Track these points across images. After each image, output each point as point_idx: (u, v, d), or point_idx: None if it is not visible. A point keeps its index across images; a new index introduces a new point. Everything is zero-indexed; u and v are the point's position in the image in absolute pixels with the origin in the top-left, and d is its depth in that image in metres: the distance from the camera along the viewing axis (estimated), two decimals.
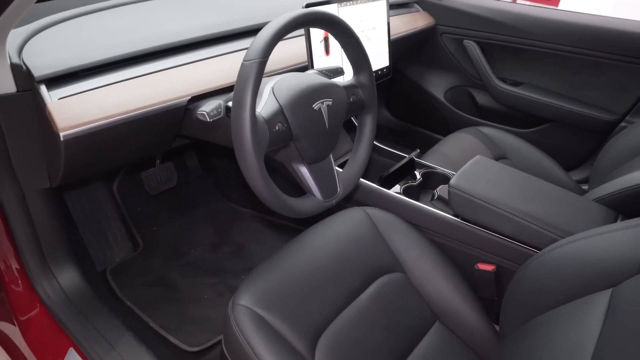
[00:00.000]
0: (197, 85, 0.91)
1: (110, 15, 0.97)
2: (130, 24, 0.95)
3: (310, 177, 0.81)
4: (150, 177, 1.41)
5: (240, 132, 0.67)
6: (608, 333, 0.56)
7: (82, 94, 0.78)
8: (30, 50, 0.79)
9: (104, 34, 0.89)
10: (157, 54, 0.90)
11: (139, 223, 1.41)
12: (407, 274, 0.91)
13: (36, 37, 0.83)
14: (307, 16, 0.74)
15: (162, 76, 0.88)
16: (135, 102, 0.82)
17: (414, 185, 1.13)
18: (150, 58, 0.89)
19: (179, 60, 0.91)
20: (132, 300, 1.17)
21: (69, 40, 0.85)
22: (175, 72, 0.90)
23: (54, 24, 0.87)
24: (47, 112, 0.74)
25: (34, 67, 0.75)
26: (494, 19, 1.57)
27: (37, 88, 0.75)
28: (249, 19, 1.07)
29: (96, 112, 0.78)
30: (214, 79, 0.93)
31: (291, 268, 0.83)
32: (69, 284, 0.97)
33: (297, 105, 0.75)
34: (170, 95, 0.87)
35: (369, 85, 0.89)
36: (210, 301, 1.23)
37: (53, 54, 0.80)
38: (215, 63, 0.96)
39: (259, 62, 0.67)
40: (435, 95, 1.81)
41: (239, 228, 1.49)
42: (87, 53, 0.82)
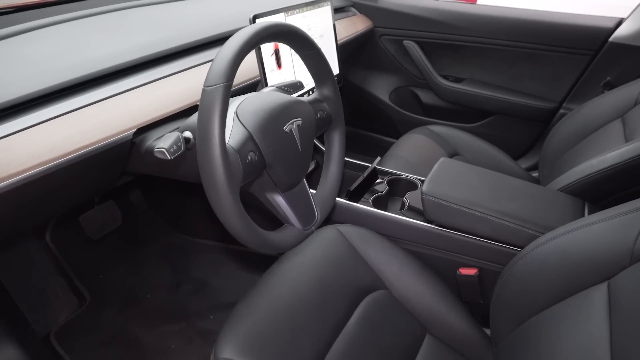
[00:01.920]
0: (141, 115, 0.79)
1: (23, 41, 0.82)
2: (51, 50, 0.81)
3: (286, 205, 0.74)
4: (90, 220, 1.24)
5: (210, 169, 0.58)
6: (620, 329, 0.55)
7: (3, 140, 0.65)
8: None
9: (20, 65, 0.75)
10: (90, 83, 0.78)
11: (83, 273, 1.24)
12: (389, 289, 0.88)
13: None
14: (267, 30, 0.66)
15: (98, 108, 0.75)
16: (70, 143, 0.69)
17: (382, 195, 1.09)
18: (81, 89, 0.76)
19: (117, 88, 0.79)
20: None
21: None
22: (113, 102, 0.77)
23: None
24: None
25: None
26: (430, 18, 1.59)
27: None
28: (190, 35, 0.97)
29: (23, 161, 0.65)
30: (160, 105, 0.82)
31: (272, 305, 0.76)
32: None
33: (268, 130, 0.67)
34: (112, 130, 0.74)
35: (334, 99, 0.83)
36: (179, 351, 1.10)
37: None
38: (159, 87, 0.85)
39: (223, 86, 0.58)
40: (381, 98, 1.80)
41: (198, 262, 1.36)
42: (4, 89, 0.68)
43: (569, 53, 1.46)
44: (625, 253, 0.61)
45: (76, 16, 0.93)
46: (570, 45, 1.45)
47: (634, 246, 0.61)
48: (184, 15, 1.09)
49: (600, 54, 1.42)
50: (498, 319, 0.77)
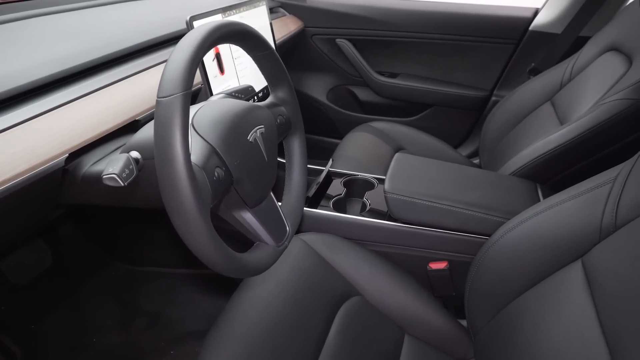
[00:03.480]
0: (73, 137, 0.67)
1: None
2: None
3: (257, 222, 0.67)
4: (13, 265, 1.07)
5: (176, 192, 0.49)
6: (604, 303, 0.56)
7: None
8: None
9: None
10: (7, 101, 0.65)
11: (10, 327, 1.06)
12: (363, 295, 0.86)
13: None
14: (221, 29, 0.59)
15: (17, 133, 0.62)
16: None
17: (341, 198, 1.06)
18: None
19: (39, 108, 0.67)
20: None
21: None
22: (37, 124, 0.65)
23: None
24: None
25: None
26: (360, 15, 1.59)
27: None
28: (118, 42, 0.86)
29: None
30: (94, 124, 0.70)
31: (248, 331, 0.70)
32: None
33: (232, 141, 0.60)
34: (37, 157, 0.62)
35: (292, 101, 0.78)
36: None
37: None
38: (90, 102, 0.73)
39: (182, 95, 0.50)
40: (318, 99, 1.77)
41: (147, 293, 1.23)
42: None
43: (495, 43, 1.53)
44: (594, 229, 0.63)
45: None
46: (495, 35, 1.52)
47: (601, 222, 0.63)
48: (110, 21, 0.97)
49: (523, 42, 1.50)
50: (475, 310, 0.77)
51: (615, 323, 0.53)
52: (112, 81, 0.78)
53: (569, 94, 1.19)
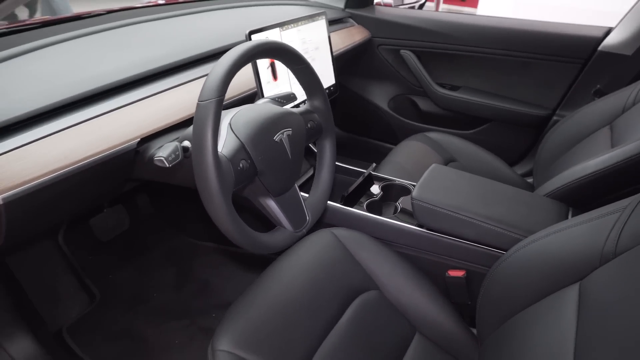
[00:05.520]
0: (145, 126, 0.86)
1: (36, 58, 0.89)
2: (62, 66, 0.88)
3: (278, 209, 0.79)
4: (99, 224, 1.31)
5: (204, 176, 0.64)
6: (584, 327, 0.58)
7: (16, 150, 0.71)
8: None
9: (34, 80, 0.82)
10: (97, 96, 0.84)
11: (93, 273, 1.31)
12: (381, 290, 0.92)
13: None
14: (257, 48, 0.72)
15: (105, 120, 0.82)
16: (79, 152, 0.76)
17: (376, 200, 1.14)
18: (89, 102, 0.83)
19: (122, 101, 0.86)
20: (95, 358, 1.09)
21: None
22: (119, 113, 0.84)
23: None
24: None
25: None
26: (426, 29, 1.64)
27: None
28: (190, 49, 1.04)
29: (37, 169, 0.71)
30: (162, 117, 0.88)
31: (267, 303, 0.81)
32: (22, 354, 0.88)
33: (259, 140, 0.73)
34: (117, 139, 0.81)
35: (324, 109, 0.89)
36: (182, 346, 1.16)
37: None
38: (161, 99, 0.91)
39: (215, 101, 0.64)
40: (380, 105, 1.85)
41: (201, 264, 1.43)
42: (17, 104, 0.75)
43: (561, 62, 1.50)
44: (596, 255, 0.65)
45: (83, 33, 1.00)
46: (562, 54, 1.49)
47: (603, 248, 0.64)
48: (185, 30, 1.15)
49: (590, 62, 1.45)
50: (483, 319, 0.81)
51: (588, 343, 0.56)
52: (180, 83, 0.95)
53: (628, 120, 1.15)
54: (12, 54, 0.87)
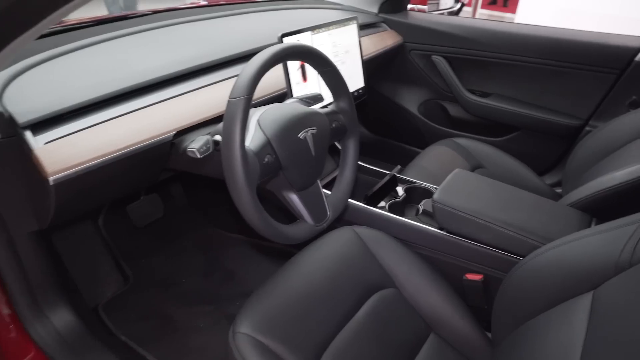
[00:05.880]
0: (181, 120, 0.92)
1: (87, 54, 0.98)
2: (110, 62, 0.96)
3: (300, 203, 0.84)
4: (136, 210, 1.41)
5: (231, 167, 0.69)
6: (593, 335, 0.59)
7: (68, 137, 0.79)
8: (10, 95, 0.79)
9: (84, 75, 0.90)
10: (140, 90, 0.92)
11: (128, 256, 1.40)
12: (399, 288, 0.94)
13: (15, 82, 0.83)
14: (286, 51, 0.77)
15: (146, 113, 0.89)
16: (122, 140, 0.83)
17: (399, 201, 1.16)
18: (133, 95, 0.90)
19: (162, 96, 0.93)
20: (127, 335, 1.17)
21: (50, 83, 0.85)
22: (158, 107, 0.91)
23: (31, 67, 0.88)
24: (34, 157, 0.75)
25: (16, 113, 0.75)
26: (458, 35, 1.65)
27: (21, 134, 0.76)
28: (225, 50, 1.10)
29: (84, 154, 0.79)
30: (197, 112, 0.95)
31: (287, 292, 0.85)
32: (62, 324, 0.96)
33: (284, 137, 0.78)
34: (156, 131, 0.88)
35: (349, 110, 0.93)
36: (208, 329, 1.23)
37: (35, 98, 0.80)
38: (196, 96, 0.98)
39: (244, 99, 0.70)
40: (409, 110, 1.87)
41: (228, 254, 1.50)
42: (70, 95, 0.82)
43: (596, 71, 1.48)
44: (611, 265, 0.65)
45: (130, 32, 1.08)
46: (597, 63, 1.46)
47: (619, 258, 0.65)
48: (222, 32, 1.22)
49: (627, 73, 1.43)
50: (498, 323, 0.82)
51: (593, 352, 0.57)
52: (215, 81, 1.01)
53: None
54: (67, 50, 0.95)
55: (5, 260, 0.88)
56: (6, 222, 0.85)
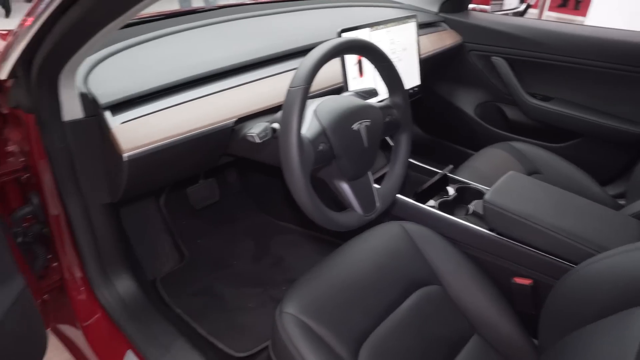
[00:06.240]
0: (242, 108, 0.98)
1: (161, 44, 1.06)
2: (181, 51, 1.04)
3: (350, 192, 0.87)
4: (195, 192, 1.50)
5: (288, 153, 0.73)
6: None
7: (141, 118, 0.86)
8: (93, 79, 0.88)
9: (158, 62, 0.98)
10: (206, 79, 0.98)
11: (185, 236, 1.49)
12: (444, 286, 0.94)
13: (98, 67, 0.92)
14: (345, 44, 0.80)
15: (211, 100, 0.95)
16: (188, 124, 0.90)
17: (449, 200, 1.16)
18: (200, 83, 0.97)
19: (226, 85, 0.99)
20: (180, 308, 1.25)
21: (127, 69, 0.94)
22: (222, 95, 0.97)
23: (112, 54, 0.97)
24: (111, 135, 0.83)
25: (99, 95, 0.84)
26: (521, 36, 1.60)
27: (102, 114, 0.84)
28: (287, 43, 1.15)
29: (155, 135, 0.86)
30: (257, 101, 1.00)
31: (333, 279, 0.88)
32: (126, 292, 1.05)
33: (338, 127, 0.81)
34: (219, 117, 0.94)
35: (403, 106, 0.94)
36: (255, 310, 1.29)
37: (115, 82, 0.88)
38: (258, 86, 1.03)
39: (303, 88, 0.74)
40: (465, 111, 1.84)
41: (277, 241, 1.56)
42: (144, 80, 0.90)
43: None
44: None
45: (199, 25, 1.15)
46: None
47: None
48: (283, 26, 1.27)
49: None
50: (545, 330, 0.81)
51: None
52: (275, 73, 1.06)
53: None
54: (143, 40, 1.04)
55: (81, 228, 0.97)
56: (84, 193, 0.94)
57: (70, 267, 1.03)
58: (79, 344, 1.08)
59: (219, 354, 1.14)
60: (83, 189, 0.93)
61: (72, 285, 1.04)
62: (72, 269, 1.03)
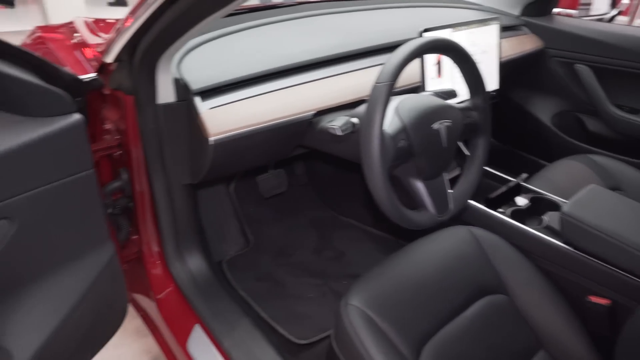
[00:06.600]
0: (320, 101, 1.01)
1: (247, 36, 1.11)
2: (265, 44, 1.08)
3: (425, 192, 0.86)
4: (264, 181, 1.55)
5: (369, 147, 0.74)
6: None
7: (227, 105, 0.91)
8: (185, 66, 0.94)
9: (244, 53, 1.03)
10: (288, 71, 1.02)
11: (251, 222, 1.55)
12: (511, 297, 0.91)
13: (190, 54, 0.98)
14: (431, 43, 0.80)
15: (292, 91, 0.99)
16: (270, 113, 0.94)
17: (522, 210, 1.12)
18: (282, 75, 1.01)
19: (306, 78, 1.02)
20: (244, 291, 1.30)
21: (216, 58, 0.99)
22: (303, 88, 1.00)
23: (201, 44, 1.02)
24: (200, 120, 0.88)
25: (190, 81, 0.90)
26: (609, 43, 1.51)
27: (192, 99, 0.89)
28: (365, 41, 1.16)
29: (239, 121, 0.91)
30: (336, 96, 1.02)
31: (399, 277, 0.88)
32: (197, 269, 1.11)
33: (419, 125, 0.81)
34: (299, 108, 0.98)
35: (484, 109, 0.93)
36: (315, 300, 1.32)
37: (204, 70, 0.94)
38: (336, 81, 1.05)
39: (389, 85, 0.75)
40: (541, 120, 1.76)
41: (339, 236, 1.58)
42: (231, 69, 0.95)
43: None
44: None
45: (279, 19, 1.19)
46: None
47: None
48: (362, 24, 1.29)
49: None
50: (623, 356, 0.77)
51: None
52: (353, 69, 1.08)
53: None
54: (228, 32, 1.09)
55: (163, 205, 1.04)
56: (168, 173, 1.01)
57: (148, 241, 1.10)
58: (151, 314, 1.15)
59: (280, 339, 1.17)
60: (168, 168, 1.00)
61: (149, 258, 1.12)
62: (151, 243, 1.10)
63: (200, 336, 0.98)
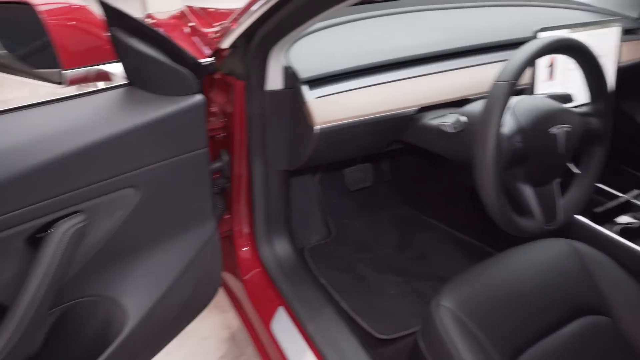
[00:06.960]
0: (424, 97, 0.99)
1: (354, 27, 1.11)
2: (371, 37, 1.08)
3: (534, 198, 0.82)
4: (350, 174, 1.57)
5: (484, 147, 0.71)
6: None
7: (332, 96, 0.92)
8: (293, 54, 0.96)
9: (351, 44, 1.03)
10: (393, 65, 1.01)
11: (334, 213, 1.57)
12: (614, 319, 0.84)
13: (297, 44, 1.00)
14: (559, 43, 0.76)
15: (396, 86, 0.98)
16: (374, 106, 0.94)
17: (634, 228, 1.03)
18: (387, 68, 1.00)
19: (411, 73, 1.00)
20: (325, 279, 1.32)
21: (323, 48, 1.00)
22: (407, 83, 0.99)
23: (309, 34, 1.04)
24: (306, 108, 0.90)
25: (299, 69, 0.92)
26: None
27: (299, 87, 0.91)
28: (472, 38, 1.12)
29: (343, 112, 0.92)
30: (440, 93, 1.00)
31: (493, 284, 0.84)
32: (283, 253, 1.14)
33: (536, 127, 0.77)
34: (403, 103, 0.97)
35: (607, 115, 0.86)
36: (395, 297, 1.31)
37: (312, 59, 0.95)
38: (441, 78, 1.03)
39: (511, 83, 0.71)
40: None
41: (422, 236, 1.55)
42: (338, 60, 0.96)
43: None
44: None
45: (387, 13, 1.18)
46: None
47: None
48: (468, 21, 1.24)
49: None
50: None
51: None
52: (459, 67, 1.05)
53: None
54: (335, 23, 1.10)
55: (259, 188, 1.08)
56: (267, 158, 1.04)
57: (240, 222, 1.15)
58: (237, 292, 1.21)
59: (360, 331, 1.18)
60: (268, 153, 1.03)
61: (239, 239, 1.16)
62: (242, 224, 1.15)
63: (284, 318, 1.01)
